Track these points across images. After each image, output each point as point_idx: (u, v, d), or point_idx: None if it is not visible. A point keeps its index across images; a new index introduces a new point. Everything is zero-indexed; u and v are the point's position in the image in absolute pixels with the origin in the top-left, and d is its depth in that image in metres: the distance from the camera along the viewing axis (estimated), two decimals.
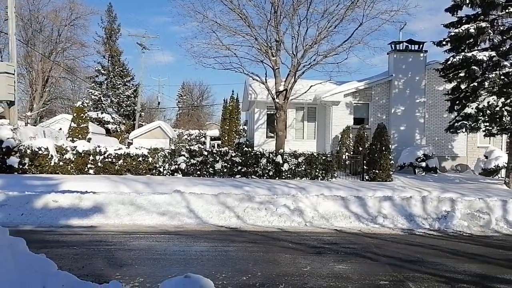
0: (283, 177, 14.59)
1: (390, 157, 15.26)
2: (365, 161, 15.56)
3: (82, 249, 5.96)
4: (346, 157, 16.63)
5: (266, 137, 20.94)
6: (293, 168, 14.79)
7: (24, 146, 13.41)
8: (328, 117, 20.14)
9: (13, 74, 14.94)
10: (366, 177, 15.35)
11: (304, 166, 14.86)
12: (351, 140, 18.00)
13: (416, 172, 17.77)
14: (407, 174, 17.25)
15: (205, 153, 14.71)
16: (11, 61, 15.32)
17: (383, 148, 15.15)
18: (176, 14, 19.00)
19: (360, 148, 16.54)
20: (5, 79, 14.58)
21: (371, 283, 4.88)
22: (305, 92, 17.71)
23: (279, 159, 14.69)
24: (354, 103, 19.96)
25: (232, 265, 5.40)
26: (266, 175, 14.61)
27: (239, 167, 14.58)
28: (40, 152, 13.44)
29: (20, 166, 13.21)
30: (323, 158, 15.07)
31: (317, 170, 14.91)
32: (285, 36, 16.93)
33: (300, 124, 21.08)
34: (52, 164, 13.55)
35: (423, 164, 17.63)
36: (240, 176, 14.47)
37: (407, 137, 19.56)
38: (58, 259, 4.90)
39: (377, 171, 15.08)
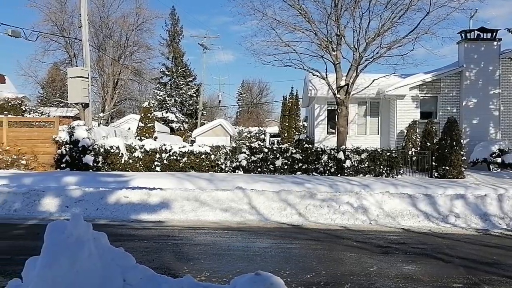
0: (345, 174, 14.26)
1: (461, 152, 14.36)
2: (433, 157, 14.77)
3: (152, 243, 6.23)
4: (413, 153, 15.89)
5: (327, 133, 20.60)
6: (356, 164, 14.42)
7: (98, 145, 14.29)
8: (393, 111, 19.38)
9: (87, 78, 15.97)
10: (435, 174, 14.57)
11: (367, 162, 14.43)
12: (417, 135, 17.18)
13: (491, 168, 16.57)
14: (480, 171, 16.13)
15: (266, 150, 14.77)
16: (85, 66, 16.39)
17: (454, 143, 14.28)
18: (236, 14, 19.49)
19: (428, 144, 15.72)
20: (80, 82, 15.64)
21: (443, 285, 4.62)
22: (368, 87, 17.16)
23: (341, 155, 14.39)
24: (421, 96, 19.03)
25: (295, 263, 5.36)
26: (327, 172, 14.38)
27: (300, 164, 14.48)
28: (112, 150, 14.26)
29: (95, 164, 14.10)
30: (388, 154, 14.53)
31: (381, 167, 14.41)
32: (346, 30, 16.52)
33: (362, 119, 20.50)
34: (123, 162, 14.32)
35: (499, 160, 16.39)
36: (300, 173, 14.36)
37: (480, 131, 18.28)
38: (131, 252, 5.12)
39: (447, 168, 14.26)
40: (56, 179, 11.34)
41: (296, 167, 14.45)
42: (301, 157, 14.49)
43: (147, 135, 20.71)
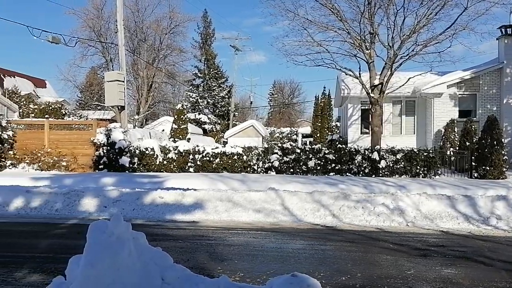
0: (380, 175, 13.98)
1: (502, 152, 13.77)
2: (473, 157, 14.25)
3: (186, 243, 6.32)
4: (451, 153, 15.38)
5: (361, 133, 20.27)
6: (391, 165, 14.11)
7: (133, 146, 14.66)
8: (429, 110, 18.84)
9: (123, 82, 16.43)
10: (475, 175, 14.04)
11: (403, 163, 14.09)
12: (456, 134, 16.62)
13: None
14: None
15: (298, 150, 14.70)
16: (121, 70, 16.86)
17: (495, 142, 13.72)
18: (268, 15, 19.44)
19: (467, 143, 15.17)
20: (116, 86, 16.10)
21: None
22: (403, 85, 16.76)
23: (375, 155, 14.12)
24: (459, 94, 18.40)
25: (330, 265, 5.29)
26: (361, 172, 14.14)
27: (333, 165, 14.31)
28: (147, 152, 14.60)
29: (130, 165, 14.46)
30: (425, 154, 14.13)
31: (418, 167, 14.03)
32: (379, 28, 16.21)
33: (397, 118, 20.04)
34: (157, 163, 14.62)
35: None
36: (334, 173, 14.20)
37: None
38: (166, 251, 5.21)
39: (487, 168, 13.71)
40: (94, 180, 11.71)
41: (329, 167, 14.29)
42: (334, 158, 14.32)
43: (180, 136, 21.05)
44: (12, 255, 5.53)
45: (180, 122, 21.88)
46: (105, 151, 14.67)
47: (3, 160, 14.59)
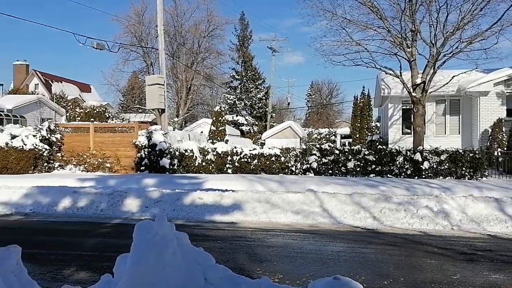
0: (423, 176, 13.54)
1: None
2: None
3: (226, 243, 6.38)
4: (499, 154, 14.68)
5: (402, 134, 19.72)
6: (435, 166, 13.63)
7: (173, 148, 14.98)
8: (475, 109, 18.07)
9: (163, 85, 16.84)
10: None
11: (447, 164, 13.57)
12: (503, 134, 15.85)
13: None
14: None
15: (337, 151, 14.50)
16: (161, 74, 17.29)
17: None
18: (305, 15, 19.21)
19: None
20: (157, 89, 16.53)
21: None
22: (447, 84, 16.16)
23: (417, 156, 13.69)
24: (507, 92, 17.53)
25: (371, 268, 5.18)
26: (403, 174, 13.75)
27: (373, 166, 14.00)
28: (186, 153, 14.87)
29: (170, 167, 14.78)
30: (471, 155, 13.55)
31: (464, 169, 13.47)
32: (421, 25, 15.70)
33: (441, 118, 19.35)
34: (196, 164, 14.86)
35: None
36: (374, 175, 13.89)
37: None
38: (206, 252, 5.32)
39: None
40: (136, 181, 12.06)
41: (369, 169, 13.99)
42: (374, 159, 14.01)
43: (218, 138, 21.33)
44: (61, 253, 5.79)
45: (218, 124, 22.17)
46: (146, 153, 15.07)
47: (52, 161, 15.30)
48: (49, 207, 9.31)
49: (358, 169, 14.08)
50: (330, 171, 14.27)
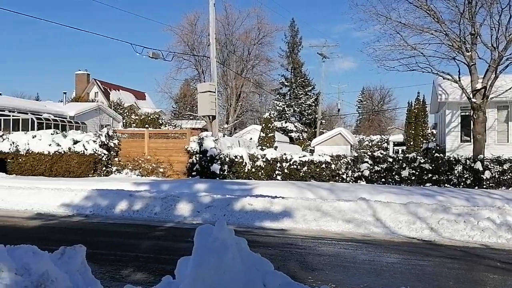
0: (484, 187, 12.78)
1: None
2: None
3: (276, 250, 6.35)
4: None
5: (461, 141, 18.78)
6: (497, 176, 12.83)
7: (223, 154, 15.20)
8: None
9: (214, 92, 17.20)
10: None
11: (510, 173, 12.74)
12: None
13: None
14: None
15: (390, 159, 14.05)
16: (212, 81, 17.67)
17: None
18: (358, 20, 18.81)
19: None
20: (208, 97, 16.90)
21: None
22: (510, 89, 15.22)
23: (478, 165, 12.95)
24: None
25: (428, 281, 4.94)
26: (462, 183, 13.06)
27: (429, 175, 13.41)
28: (236, 159, 15.04)
29: (221, 172, 15.00)
30: None
31: None
32: (482, 28, 14.93)
33: (503, 125, 18.23)
34: (246, 170, 14.97)
35: None
36: (430, 184, 13.30)
37: None
38: None
39: None
40: (188, 186, 12.34)
41: (425, 178, 13.42)
42: (430, 167, 13.43)
43: (267, 144, 21.40)
44: (119, 254, 6.02)
45: (268, 131, 22.27)
46: (197, 158, 15.40)
47: (110, 166, 16.04)
48: (107, 209, 9.75)
49: (413, 177, 13.55)
50: (383, 180, 13.84)
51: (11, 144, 15.58)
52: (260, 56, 37.69)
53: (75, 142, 15.39)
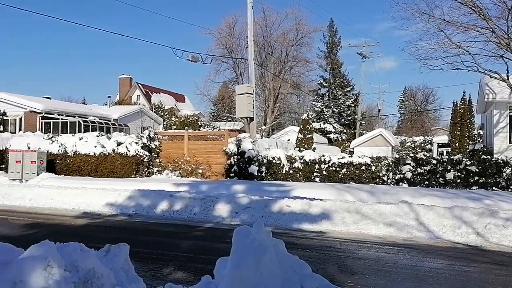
0: None
1: None
2: None
3: (314, 253, 6.29)
4: None
5: (510, 143, 17.85)
6: None
7: (261, 156, 15.24)
8: None
9: (252, 94, 17.28)
10: None
11: None
12: None
13: None
14: None
15: (434, 161, 13.58)
16: (250, 83, 17.78)
17: None
18: (399, 18, 18.28)
19: None
20: (245, 98, 17.01)
21: None
22: None
23: None
24: None
25: None
26: (511, 187, 12.42)
27: (476, 177, 12.86)
28: (273, 161, 15.04)
29: (258, 174, 15.05)
30: None
31: None
32: None
33: None
34: (283, 172, 14.94)
35: None
36: (477, 187, 12.75)
37: None
38: None
39: None
40: (226, 187, 12.46)
41: (471, 181, 12.88)
42: (477, 170, 12.87)
43: (306, 146, 21.25)
44: (160, 253, 6.17)
45: (306, 132, 22.12)
46: (235, 160, 15.53)
47: (151, 167, 16.47)
48: (149, 209, 10.02)
49: (458, 180, 13.03)
50: (426, 182, 13.40)
51: (59, 146, 16.34)
52: (298, 57, 37.54)
53: (119, 143, 15.92)
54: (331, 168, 14.50)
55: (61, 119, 24.78)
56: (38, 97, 28.61)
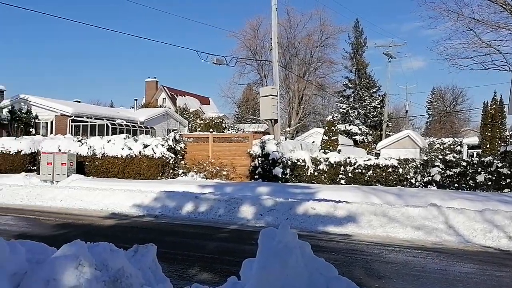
0: None
1: None
2: None
3: (340, 256, 6.23)
4: None
5: None
6: None
7: (285, 158, 15.20)
8: None
9: (276, 96, 17.27)
10: None
11: None
12: None
13: None
14: None
15: (463, 163, 13.22)
16: (274, 85, 17.77)
17: None
18: (427, 18, 17.86)
19: None
20: (270, 100, 17.02)
21: None
22: None
23: None
24: None
25: None
26: None
27: (508, 180, 12.44)
28: (298, 163, 14.97)
29: (283, 176, 15.01)
30: None
31: None
32: None
33: None
34: (308, 174, 14.85)
35: None
36: (508, 190, 12.34)
37: None
38: None
39: None
40: (251, 189, 12.49)
41: (503, 183, 12.48)
42: (509, 172, 12.46)
43: (331, 148, 21.05)
44: (186, 254, 6.24)
45: (331, 134, 21.92)
46: (260, 161, 15.54)
47: (176, 169, 16.68)
48: (174, 210, 10.15)
49: (489, 183, 12.65)
50: (456, 185, 13.06)
51: (88, 148, 16.77)
52: (323, 58, 37.27)
53: (145, 146, 16.20)
54: (357, 170, 14.33)
55: (90, 122, 25.43)
56: (68, 101, 29.45)
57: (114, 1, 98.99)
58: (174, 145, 16.54)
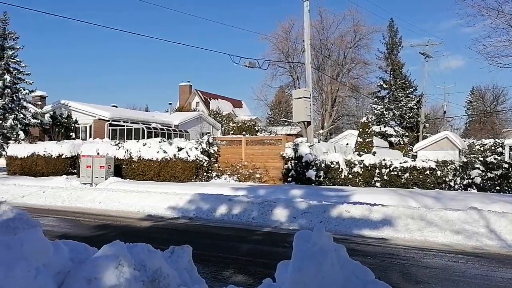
0: None
1: None
2: None
3: (376, 260, 6.11)
4: None
5: None
6: None
7: (319, 160, 15.08)
8: None
9: (309, 98, 17.17)
10: None
11: None
12: None
13: None
14: None
15: (505, 165, 12.68)
16: (307, 87, 17.68)
17: None
18: (465, 15, 17.27)
19: None
20: (302, 102, 16.93)
21: None
22: None
23: None
24: None
25: None
26: None
27: None
28: (332, 165, 14.81)
29: (316, 178, 14.89)
30: None
31: None
32: None
33: None
34: (342, 176, 14.66)
35: None
36: None
37: None
38: None
39: None
40: (284, 191, 12.46)
41: None
42: None
43: (365, 150, 20.69)
44: (220, 256, 6.30)
45: (365, 136, 21.54)
46: (293, 164, 15.48)
47: (210, 171, 16.88)
48: (208, 212, 10.27)
49: None
50: (497, 188, 12.54)
51: (125, 152, 17.25)
52: (357, 59, 36.69)
53: (179, 149, 16.49)
54: (392, 173, 14.02)
55: (126, 126, 26.16)
56: (105, 106, 30.43)
57: (151, 8, 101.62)
58: (208, 148, 16.74)
